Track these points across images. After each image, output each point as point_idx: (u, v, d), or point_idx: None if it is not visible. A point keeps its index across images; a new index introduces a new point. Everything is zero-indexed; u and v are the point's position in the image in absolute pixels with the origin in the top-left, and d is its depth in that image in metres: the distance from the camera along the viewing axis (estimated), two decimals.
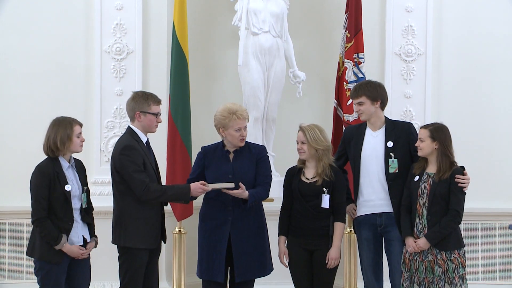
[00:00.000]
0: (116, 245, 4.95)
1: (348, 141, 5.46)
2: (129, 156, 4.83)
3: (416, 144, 5.03)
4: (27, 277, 6.89)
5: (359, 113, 5.40)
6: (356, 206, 5.39)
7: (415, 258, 4.91)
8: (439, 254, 4.84)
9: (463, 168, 4.93)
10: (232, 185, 4.89)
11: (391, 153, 5.25)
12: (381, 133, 5.34)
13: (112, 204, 5.04)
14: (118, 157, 4.88)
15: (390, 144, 5.27)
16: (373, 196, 5.29)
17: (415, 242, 4.92)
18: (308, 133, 5.12)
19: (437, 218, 4.86)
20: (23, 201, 6.67)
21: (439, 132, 4.93)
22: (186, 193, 4.89)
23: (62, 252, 4.72)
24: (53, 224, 4.70)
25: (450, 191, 4.86)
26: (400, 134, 5.29)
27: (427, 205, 4.90)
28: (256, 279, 5.21)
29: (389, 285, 5.40)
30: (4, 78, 7.01)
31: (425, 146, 4.95)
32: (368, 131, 5.37)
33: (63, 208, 4.74)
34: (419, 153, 5.00)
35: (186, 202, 5.14)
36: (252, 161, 5.12)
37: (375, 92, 5.34)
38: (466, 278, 4.88)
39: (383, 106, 5.39)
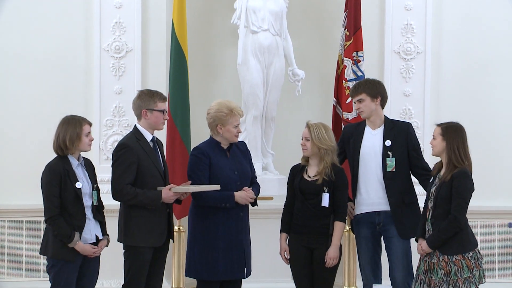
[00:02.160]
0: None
1: (347, 139, 5.46)
2: (119, 155, 4.90)
3: (429, 143, 4.96)
4: (27, 275, 6.90)
5: (359, 111, 5.40)
6: (354, 204, 5.39)
7: (424, 259, 4.85)
8: (441, 256, 4.73)
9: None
10: (218, 187, 4.89)
11: (388, 152, 5.25)
12: (380, 131, 5.34)
13: (110, 202, 5.07)
14: (113, 155, 4.98)
15: (388, 143, 5.27)
16: (372, 194, 5.29)
17: (420, 245, 4.90)
18: (314, 131, 5.14)
19: (440, 222, 4.76)
20: (23, 199, 6.76)
21: (449, 132, 4.80)
22: (156, 199, 4.88)
23: (75, 250, 4.74)
24: (66, 221, 4.72)
25: (451, 195, 4.73)
26: (399, 133, 5.29)
27: (433, 208, 4.85)
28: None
29: (389, 282, 5.40)
30: (3, 76, 7.01)
31: (436, 144, 4.84)
32: (368, 129, 5.38)
33: (75, 206, 4.76)
34: (432, 152, 4.92)
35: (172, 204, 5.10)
36: (245, 157, 5.20)
37: (375, 89, 5.35)
38: (475, 282, 4.71)
39: (383, 104, 5.39)
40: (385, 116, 5.41)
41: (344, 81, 6.64)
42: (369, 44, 6.83)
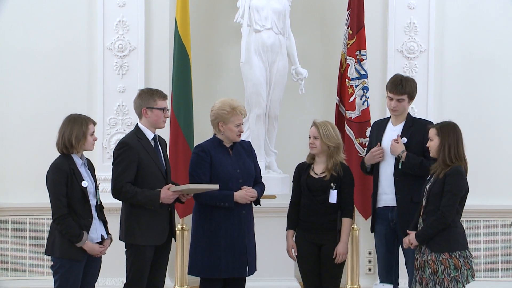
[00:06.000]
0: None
1: (372, 134, 5.54)
2: (120, 154, 4.91)
3: (427, 145, 4.95)
4: (30, 273, 6.91)
5: (394, 109, 5.37)
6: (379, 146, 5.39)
7: (416, 257, 4.88)
8: (430, 254, 4.75)
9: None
10: (217, 187, 4.90)
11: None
12: (399, 128, 5.37)
13: (114, 201, 5.08)
14: (114, 153, 5.00)
15: (404, 140, 5.29)
16: (387, 189, 5.35)
17: (408, 237, 4.91)
18: (322, 129, 5.19)
19: (430, 218, 4.79)
20: (26, 198, 6.76)
21: (443, 131, 4.82)
22: (154, 199, 4.87)
23: (83, 250, 4.73)
24: (73, 221, 4.70)
25: (443, 191, 4.75)
26: (416, 132, 5.29)
27: (425, 204, 4.87)
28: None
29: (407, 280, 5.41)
30: (7, 75, 7.02)
31: (433, 145, 4.85)
32: (389, 125, 5.42)
33: (82, 205, 4.74)
34: (431, 154, 4.91)
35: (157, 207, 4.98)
36: (248, 156, 5.20)
37: (415, 92, 5.40)
38: (462, 282, 4.71)
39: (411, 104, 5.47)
40: (408, 113, 5.43)
41: (347, 80, 6.65)
42: (372, 43, 6.83)
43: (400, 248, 5.36)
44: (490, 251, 7.07)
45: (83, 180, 4.77)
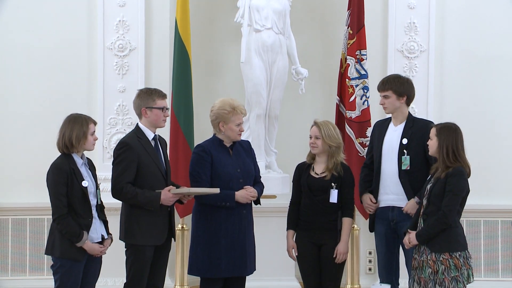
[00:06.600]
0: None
1: (374, 134, 5.56)
2: (120, 153, 4.91)
3: (427, 143, 4.96)
4: (30, 273, 6.91)
5: (383, 106, 5.45)
6: (372, 197, 5.43)
7: (415, 257, 4.88)
8: (430, 254, 4.75)
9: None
10: (217, 190, 4.90)
11: (404, 150, 5.28)
12: (400, 128, 5.40)
13: (112, 201, 5.09)
14: (114, 153, 5.01)
15: (404, 141, 5.31)
16: (388, 190, 5.37)
17: (408, 236, 4.92)
18: (323, 129, 5.20)
19: (431, 218, 4.80)
20: (26, 198, 6.77)
21: (442, 132, 4.82)
22: (154, 201, 4.87)
23: (83, 250, 4.73)
24: (73, 220, 4.70)
25: (444, 192, 4.75)
26: (417, 132, 5.31)
27: (426, 204, 4.88)
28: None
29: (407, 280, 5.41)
30: (7, 74, 7.02)
31: (432, 144, 4.87)
32: (391, 125, 5.45)
33: (82, 204, 4.74)
34: (429, 152, 4.94)
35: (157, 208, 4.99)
36: (248, 156, 5.22)
37: (402, 88, 5.38)
38: (462, 281, 4.71)
39: (408, 102, 5.45)
40: (409, 113, 5.45)
41: (347, 80, 6.65)
42: (373, 43, 6.83)
43: (401, 248, 5.36)
44: (490, 251, 7.07)
45: (84, 180, 4.77)
